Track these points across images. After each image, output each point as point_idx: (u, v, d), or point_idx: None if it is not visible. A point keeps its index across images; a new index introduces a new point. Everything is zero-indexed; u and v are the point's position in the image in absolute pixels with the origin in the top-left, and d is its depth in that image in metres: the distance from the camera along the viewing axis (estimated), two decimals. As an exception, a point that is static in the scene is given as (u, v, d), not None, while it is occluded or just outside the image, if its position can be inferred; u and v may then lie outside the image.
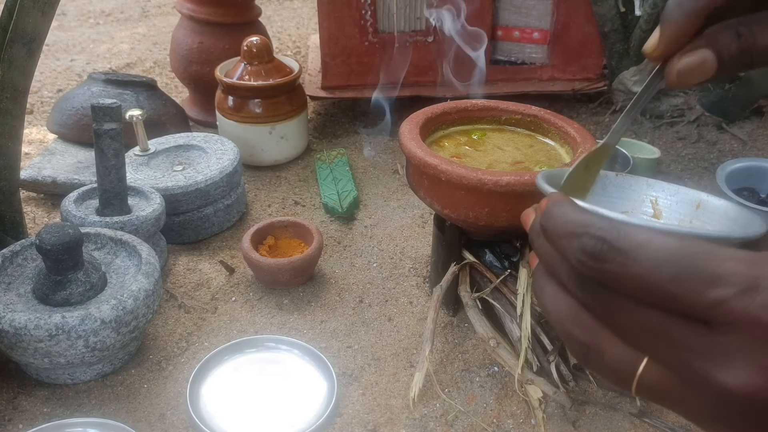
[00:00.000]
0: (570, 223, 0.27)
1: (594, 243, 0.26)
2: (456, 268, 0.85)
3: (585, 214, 0.27)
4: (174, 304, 0.93)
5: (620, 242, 0.25)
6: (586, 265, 0.26)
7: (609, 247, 0.26)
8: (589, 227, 0.26)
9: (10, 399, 0.78)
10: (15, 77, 0.82)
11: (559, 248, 0.28)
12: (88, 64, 1.80)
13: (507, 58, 1.43)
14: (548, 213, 0.29)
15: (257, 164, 1.27)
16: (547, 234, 0.28)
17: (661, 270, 0.24)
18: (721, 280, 0.24)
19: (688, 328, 0.25)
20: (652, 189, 0.41)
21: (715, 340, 0.24)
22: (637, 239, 0.25)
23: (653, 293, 0.25)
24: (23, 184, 1.10)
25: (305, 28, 2.10)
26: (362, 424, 0.76)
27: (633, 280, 0.25)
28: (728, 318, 0.24)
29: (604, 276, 0.26)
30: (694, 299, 0.24)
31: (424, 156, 0.77)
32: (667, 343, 0.26)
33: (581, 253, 0.26)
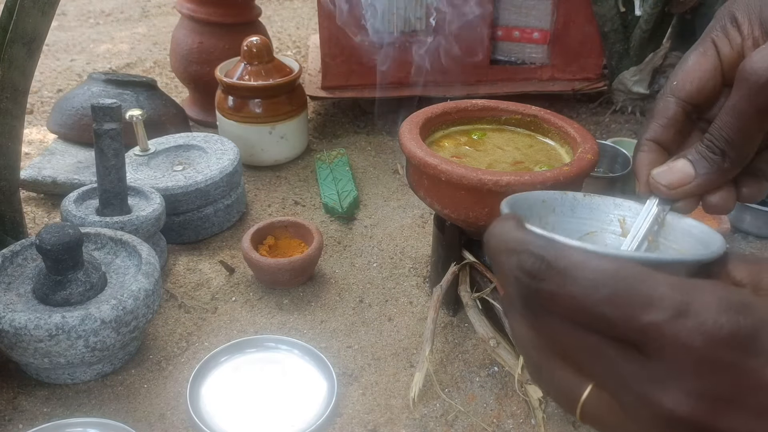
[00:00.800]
0: (510, 240, 0.27)
1: (532, 261, 0.26)
2: (456, 268, 0.85)
3: (524, 232, 0.27)
4: (174, 304, 0.93)
5: (557, 261, 0.25)
6: (523, 282, 0.26)
7: (546, 265, 0.25)
8: (528, 245, 0.26)
9: (10, 399, 0.78)
10: (15, 77, 0.82)
11: (498, 265, 0.28)
12: (88, 64, 1.80)
13: (507, 58, 1.43)
14: (491, 230, 0.29)
15: (257, 164, 1.27)
16: (489, 251, 0.28)
17: (596, 291, 0.24)
18: (653, 304, 0.24)
19: (622, 351, 0.25)
20: (619, 209, 0.42)
21: (646, 365, 0.25)
22: (573, 259, 0.25)
23: (588, 315, 0.25)
24: (23, 184, 1.10)
25: (305, 28, 2.10)
26: (362, 424, 0.76)
27: (568, 301, 0.25)
28: (659, 343, 0.24)
29: (540, 295, 0.26)
30: (628, 322, 0.24)
31: (424, 156, 0.77)
32: (603, 367, 0.26)
33: (519, 270, 0.26)
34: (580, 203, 0.42)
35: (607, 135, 1.39)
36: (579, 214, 0.42)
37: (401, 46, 1.37)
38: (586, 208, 0.42)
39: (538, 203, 0.41)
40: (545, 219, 0.42)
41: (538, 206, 0.41)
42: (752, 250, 1.07)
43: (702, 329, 0.23)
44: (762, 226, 1.07)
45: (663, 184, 0.39)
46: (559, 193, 0.42)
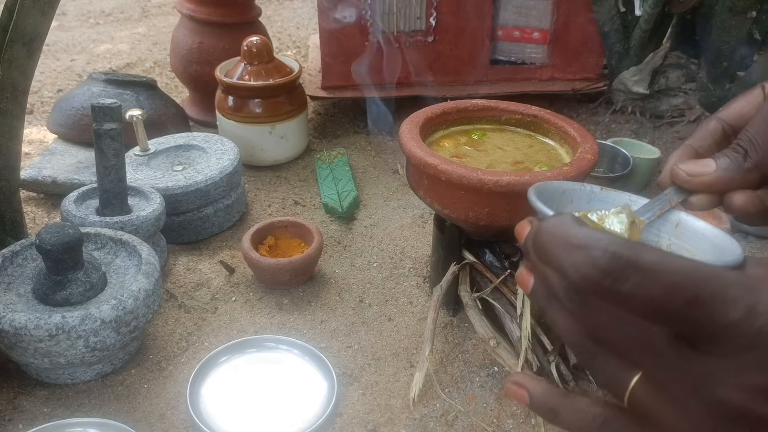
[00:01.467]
0: (574, 236, 0.26)
1: (608, 258, 0.25)
2: (456, 268, 0.85)
3: (590, 228, 0.27)
4: (174, 304, 0.93)
5: (638, 261, 0.25)
6: (592, 280, 0.25)
7: (624, 264, 0.25)
8: (601, 241, 0.25)
9: (10, 399, 0.78)
10: (15, 77, 0.82)
11: (555, 261, 0.27)
12: (88, 64, 1.80)
13: (507, 58, 1.43)
14: (545, 225, 0.28)
15: (257, 164, 1.27)
16: (540, 245, 0.28)
17: (680, 293, 0.24)
18: (729, 306, 0.24)
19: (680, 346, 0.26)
20: (634, 204, 0.42)
21: (705, 361, 0.26)
22: (654, 259, 0.25)
23: (666, 315, 0.25)
24: (23, 184, 1.10)
25: (305, 28, 2.10)
26: (362, 424, 0.76)
27: (647, 302, 0.25)
28: (727, 340, 0.25)
29: (614, 293, 0.25)
30: (705, 322, 0.25)
31: (424, 156, 0.77)
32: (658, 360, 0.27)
33: (589, 266, 0.25)
34: (596, 196, 0.43)
35: (607, 135, 1.39)
36: (594, 206, 0.43)
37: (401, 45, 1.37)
38: (602, 201, 0.43)
39: (557, 193, 0.42)
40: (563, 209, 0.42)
41: (557, 196, 0.42)
42: (752, 250, 1.07)
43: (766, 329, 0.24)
44: (762, 226, 1.07)
45: (683, 170, 0.40)
46: (578, 184, 0.42)
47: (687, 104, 1.42)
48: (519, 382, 0.33)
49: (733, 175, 0.39)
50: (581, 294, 0.28)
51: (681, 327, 0.26)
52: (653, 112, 1.43)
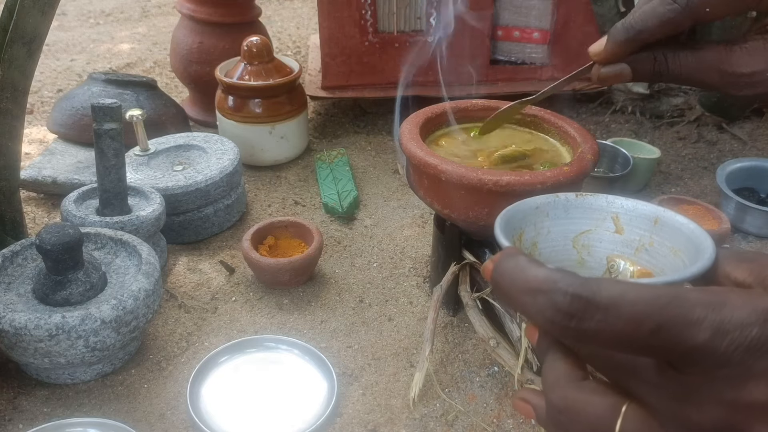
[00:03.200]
0: (531, 279, 0.26)
1: (569, 300, 0.25)
2: (456, 268, 0.85)
3: (544, 268, 0.27)
4: (174, 304, 0.93)
5: (597, 298, 0.25)
6: (558, 323, 0.26)
7: (585, 303, 0.25)
8: (558, 283, 0.26)
9: (10, 399, 0.78)
10: (15, 77, 0.82)
11: (521, 307, 0.27)
12: (88, 64, 1.80)
13: (507, 58, 1.43)
14: (500, 269, 0.28)
15: (257, 164, 1.27)
16: (504, 291, 0.28)
17: (643, 325, 0.25)
18: (694, 329, 0.24)
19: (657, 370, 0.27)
20: (612, 206, 0.42)
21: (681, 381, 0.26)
22: (612, 294, 0.25)
23: (633, 346, 0.25)
24: (23, 184, 1.10)
25: (305, 28, 2.10)
26: (362, 424, 0.76)
27: (613, 336, 0.25)
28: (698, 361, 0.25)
29: (582, 333, 0.26)
30: (672, 349, 0.25)
31: (424, 156, 0.77)
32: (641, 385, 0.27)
33: (553, 311, 0.26)
34: (572, 204, 0.43)
35: (607, 135, 1.39)
36: (572, 214, 0.43)
37: (401, 45, 1.37)
38: (579, 208, 0.43)
39: (531, 211, 0.42)
40: (540, 225, 0.42)
41: (531, 214, 0.42)
42: (752, 250, 1.07)
43: (735, 344, 0.24)
44: (762, 226, 1.07)
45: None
46: (552, 196, 0.43)
47: (687, 104, 1.42)
48: (525, 398, 0.32)
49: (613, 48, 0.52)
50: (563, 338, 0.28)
51: (652, 354, 0.26)
52: (653, 112, 1.43)
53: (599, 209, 0.42)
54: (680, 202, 1.10)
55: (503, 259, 0.28)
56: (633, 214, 0.41)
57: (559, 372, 0.30)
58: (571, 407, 0.29)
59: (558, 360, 0.30)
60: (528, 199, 0.42)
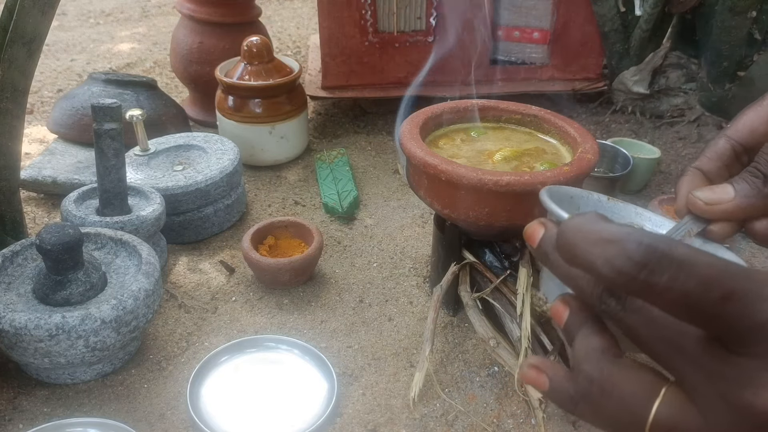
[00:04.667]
0: (604, 231, 0.25)
1: (643, 250, 0.24)
2: (456, 268, 0.85)
3: (618, 224, 0.26)
4: (174, 304, 0.93)
5: (674, 253, 0.24)
6: (626, 273, 0.24)
7: (659, 256, 0.24)
8: (631, 234, 0.25)
9: (11, 399, 0.78)
10: (15, 77, 0.82)
11: (586, 258, 0.26)
12: (88, 64, 1.80)
13: (507, 58, 1.43)
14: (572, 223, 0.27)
15: (257, 164, 1.27)
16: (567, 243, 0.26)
17: (714, 288, 0.24)
18: (764, 302, 0.24)
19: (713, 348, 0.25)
20: (639, 217, 0.42)
21: (737, 363, 0.25)
22: (687, 252, 0.24)
23: (698, 310, 0.24)
24: (23, 184, 1.10)
25: (305, 28, 2.10)
26: (362, 424, 0.76)
27: (682, 295, 0.24)
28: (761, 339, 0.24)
29: (649, 287, 0.24)
30: (739, 319, 0.24)
31: (424, 156, 0.77)
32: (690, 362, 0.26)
33: (624, 259, 0.24)
34: (603, 205, 0.42)
35: (607, 135, 1.39)
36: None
37: (401, 45, 1.37)
38: (608, 211, 0.42)
39: (566, 198, 0.42)
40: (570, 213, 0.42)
41: (566, 201, 0.42)
42: (752, 250, 1.07)
43: None
44: (762, 226, 1.07)
45: (701, 198, 0.39)
46: (586, 192, 0.42)
47: (687, 104, 1.42)
48: (538, 366, 0.30)
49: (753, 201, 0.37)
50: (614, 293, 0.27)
51: (715, 324, 0.25)
52: (653, 112, 1.43)
53: (626, 217, 0.42)
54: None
55: (575, 217, 0.27)
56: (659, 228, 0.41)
57: (595, 345, 0.29)
58: (606, 379, 0.28)
59: (593, 335, 0.29)
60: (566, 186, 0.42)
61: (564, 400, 0.30)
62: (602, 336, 0.29)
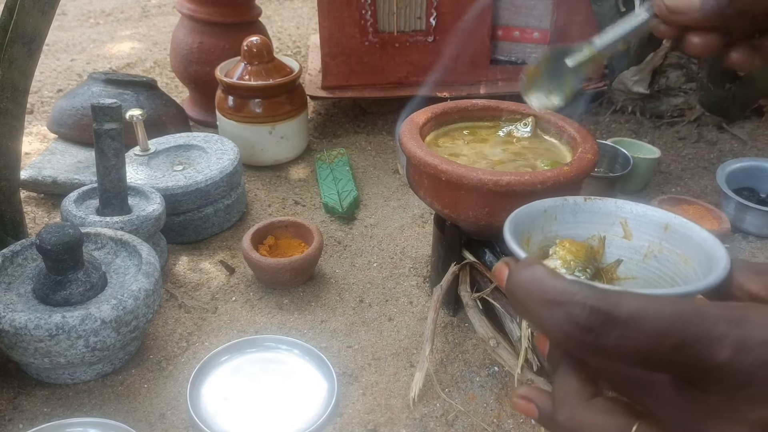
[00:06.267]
0: (549, 291, 0.25)
1: (588, 314, 0.24)
2: (456, 268, 0.85)
3: (562, 279, 0.26)
4: (174, 304, 0.93)
5: (617, 312, 0.24)
6: (575, 337, 0.25)
7: (604, 318, 0.24)
8: (575, 296, 0.25)
9: (11, 399, 0.78)
10: (15, 77, 0.82)
11: (537, 319, 0.26)
12: (88, 64, 1.80)
13: (507, 57, 1.43)
14: (517, 279, 0.27)
15: (257, 164, 1.27)
16: (520, 302, 0.27)
17: (664, 341, 0.24)
18: (716, 345, 0.24)
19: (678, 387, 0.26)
20: (621, 210, 0.41)
21: (702, 399, 0.25)
22: (632, 308, 0.24)
23: (654, 363, 0.24)
24: (23, 184, 1.10)
25: (305, 28, 2.10)
26: (362, 424, 0.76)
27: (633, 352, 0.24)
28: (721, 379, 0.24)
29: (600, 349, 0.25)
30: (694, 365, 0.24)
31: (424, 156, 0.77)
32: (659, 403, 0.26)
33: (570, 324, 0.25)
34: (581, 208, 0.42)
35: (607, 135, 1.39)
36: (581, 218, 0.42)
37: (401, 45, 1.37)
38: (588, 212, 0.42)
39: (539, 215, 0.41)
40: (548, 229, 0.41)
41: (540, 218, 0.41)
42: (752, 250, 1.07)
43: (759, 362, 0.23)
44: (762, 225, 1.07)
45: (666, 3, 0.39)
46: (560, 199, 0.42)
47: (687, 104, 1.42)
48: (528, 397, 0.31)
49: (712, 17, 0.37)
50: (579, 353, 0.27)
51: (672, 371, 0.25)
52: (653, 112, 1.43)
53: (608, 214, 0.42)
54: (680, 202, 1.10)
55: (519, 268, 0.27)
56: (642, 219, 0.41)
57: (568, 388, 0.29)
58: (577, 429, 0.28)
59: (567, 375, 0.29)
60: (536, 201, 0.41)
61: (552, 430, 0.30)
62: (577, 376, 0.29)
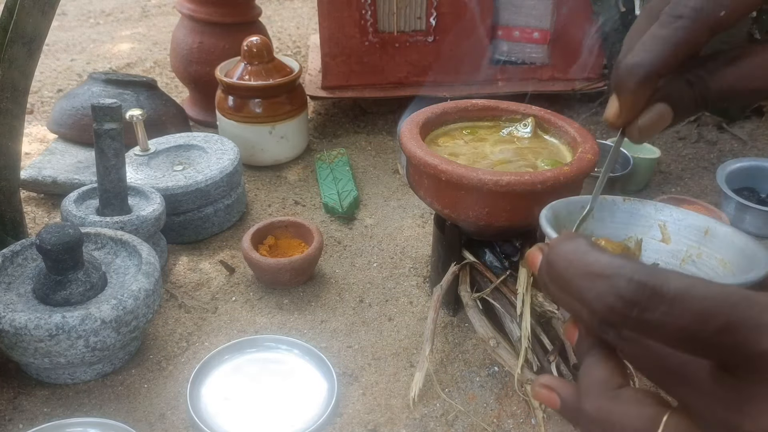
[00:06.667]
0: (593, 263, 0.25)
1: (634, 288, 0.24)
2: (456, 268, 0.85)
3: (608, 254, 0.25)
4: (174, 304, 0.93)
5: (665, 289, 0.23)
6: (618, 311, 0.24)
7: (650, 293, 0.23)
8: (623, 269, 0.24)
9: (11, 399, 0.78)
10: (15, 77, 0.82)
11: (577, 292, 0.25)
12: (88, 64, 1.80)
13: (507, 57, 1.43)
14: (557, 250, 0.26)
15: (257, 164, 1.27)
16: (558, 275, 0.26)
17: (711, 321, 0.23)
18: (763, 330, 0.23)
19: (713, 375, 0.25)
20: (660, 213, 0.41)
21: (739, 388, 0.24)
22: (680, 286, 0.23)
23: (699, 344, 0.24)
24: (23, 184, 1.10)
25: (305, 28, 2.10)
26: (362, 424, 0.76)
27: (677, 331, 0.24)
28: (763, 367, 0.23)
29: (643, 324, 0.24)
30: (738, 350, 0.23)
31: (424, 156, 0.77)
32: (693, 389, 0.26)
33: (614, 297, 0.24)
34: (619, 208, 0.42)
35: (607, 135, 1.39)
36: (618, 219, 0.42)
37: (401, 45, 1.37)
38: (626, 212, 0.42)
39: (577, 210, 0.41)
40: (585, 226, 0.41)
41: (577, 213, 0.40)
42: None
43: None
44: (762, 225, 1.07)
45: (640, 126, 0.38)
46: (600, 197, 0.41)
47: (687, 104, 1.42)
48: (551, 386, 0.30)
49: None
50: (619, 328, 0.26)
51: (714, 355, 0.24)
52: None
53: (646, 216, 0.41)
54: (680, 202, 1.10)
55: (562, 241, 0.26)
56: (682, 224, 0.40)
57: (597, 377, 0.28)
58: (605, 419, 0.27)
59: (596, 364, 0.28)
60: (575, 197, 0.41)
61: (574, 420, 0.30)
62: (606, 365, 0.28)
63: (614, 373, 0.28)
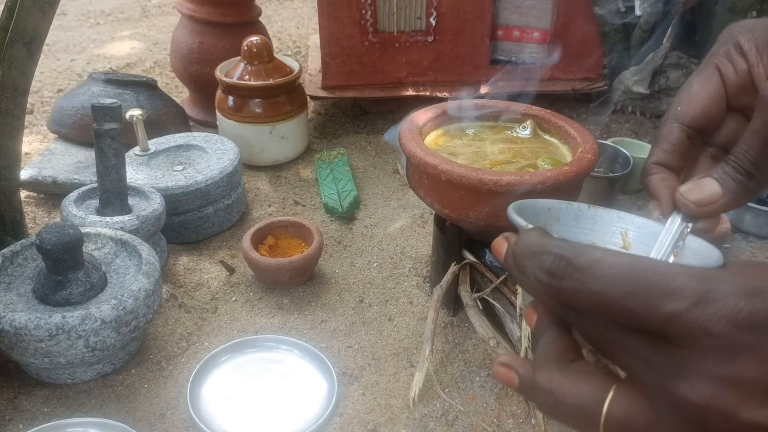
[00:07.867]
0: (532, 245, 0.28)
1: (552, 260, 0.27)
2: (456, 268, 0.85)
3: (546, 236, 0.28)
4: (174, 304, 0.93)
5: (577, 259, 0.26)
6: (544, 282, 0.27)
7: (566, 263, 0.26)
8: (547, 246, 0.27)
9: (11, 399, 0.78)
10: (15, 77, 0.82)
11: (524, 270, 0.28)
12: (88, 64, 1.80)
13: (507, 57, 1.43)
14: (518, 240, 0.30)
15: (257, 164, 1.27)
16: (517, 259, 0.29)
17: (617, 285, 0.25)
18: (673, 294, 0.24)
19: (649, 342, 0.26)
20: (622, 221, 0.42)
21: (671, 353, 0.25)
22: (592, 256, 0.26)
23: (610, 309, 0.26)
24: (23, 184, 1.10)
25: (305, 28, 2.10)
26: (362, 424, 0.76)
27: (590, 297, 0.26)
28: (681, 331, 0.24)
29: (562, 293, 0.27)
30: (649, 313, 0.25)
31: (424, 156, 0.77)
32: (631, 359, 0.27)
33: (540, 270, 0.27)
34: (584, 214, 0.43)
35: (607, 135, 1.39)
36: (582, 224, 0.43)
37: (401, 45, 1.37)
38: (590, 219, 0.43)
39: (543, 211, 0.42)
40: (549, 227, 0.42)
41: (543, 214, 0.42)
42: (752, 250, 1.07)
43: (721, 314, 0.24)
44: (762, 225, 1.07)
45: (692, 200, 0.39)
46: (565, 202, 0.42)
47: (687, 104, 1.42)
48: (509, 364, 0.32)
49: (741, 198, 0.39)
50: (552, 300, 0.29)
51: (627, 320, 0.26)
52: (653, 112, 1.43)
53: (609, 223, 0.42)
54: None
55: (522, 234, 0.30)
56: (643, 231, 0.41)
57: (550, 352, 0.30)
58: (556, 389, 0.29)
59: (551, 341, 0.31)
60: (541, 199, 0.42)
61: (530, 394, 0.31)
62: (559, 341, 0.30)
63: (567, 348, 0.30)
